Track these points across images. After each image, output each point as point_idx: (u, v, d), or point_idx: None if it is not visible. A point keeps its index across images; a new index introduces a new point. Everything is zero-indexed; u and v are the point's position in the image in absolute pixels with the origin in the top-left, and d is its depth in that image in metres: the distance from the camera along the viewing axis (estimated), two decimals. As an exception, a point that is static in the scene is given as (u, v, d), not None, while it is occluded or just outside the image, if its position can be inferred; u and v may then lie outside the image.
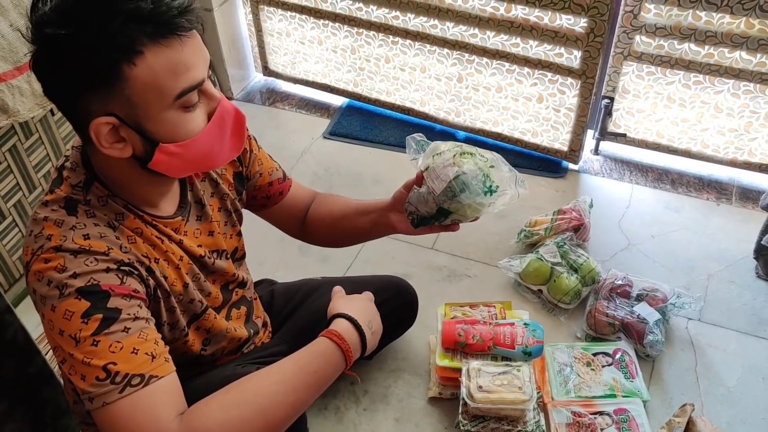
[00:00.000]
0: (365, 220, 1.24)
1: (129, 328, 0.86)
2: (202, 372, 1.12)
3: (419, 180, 1.11)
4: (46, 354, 1.25)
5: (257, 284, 1.52)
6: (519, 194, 1.09)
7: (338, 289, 1.18)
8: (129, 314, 0.87)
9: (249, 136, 1.19)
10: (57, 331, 0.85)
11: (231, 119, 0.93)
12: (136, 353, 0.85)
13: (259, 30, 2.52)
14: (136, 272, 0.91)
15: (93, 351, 0.83)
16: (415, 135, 1.13)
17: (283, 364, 0.95)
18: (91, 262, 0.86)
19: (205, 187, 1.11)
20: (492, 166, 1.08)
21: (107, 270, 0.87)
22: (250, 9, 2.48)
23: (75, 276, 0.85)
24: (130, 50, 0.80)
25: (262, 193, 1.25)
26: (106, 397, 0.83)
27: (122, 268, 0.89)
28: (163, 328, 1.00)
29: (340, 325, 1.04)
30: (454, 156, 1.07)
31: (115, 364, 0.83)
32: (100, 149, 0.86)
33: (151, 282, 0.95)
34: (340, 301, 1.12)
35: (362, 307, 1.10)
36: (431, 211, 1.11)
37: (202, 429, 0.84)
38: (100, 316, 0.84)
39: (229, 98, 2.60)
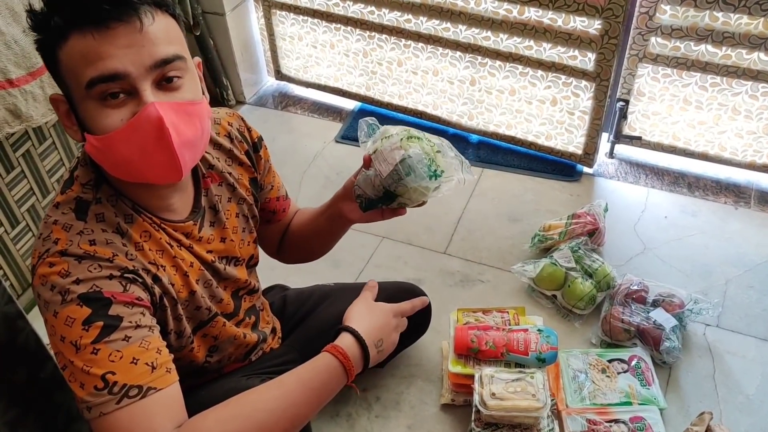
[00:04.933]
0: (323, 219, 1.25)
1: (130, 337, 0.85)
2: (207, 381, 1.11)
3: (367, 163, 1.12)
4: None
5: (269, 290, 1.52)
6: (465, 180, 1.12)
7: (371, 287, 1.16)
8: (131, 322, 0.86)
9: (264, 145, 1.20)
10: (59, 337, 0.85)
11: (151, 127, 0.84)
12: (136, 363, 0.85)
13: (271, 34, 2.53)
14: (140, 280, 0.91)
15: (92, 359, 0.83)
16: (367, 119, 1.14)
17: (284, 379, 0.94)
18: (95, 269, 0.86)
19: (222, 191, 1.10)
20: (438, 151, 1.10)
21: (110, 277, 0.87)
22: (262, 13, 2.49)
23: (78, 282, 0.85)
24: (56, 34, 0.83)
25: (270, 206, 1.26)
26: (104, 407, 0.82)
27: (126, 275, 0.89)
28: (170, 336, 0.99)
29: (345, 341, 1.02)
30: (401, 140, 1.09)
31: (113, 373, 0.83)
32: (65, 128, 0.91)
33: (157, 290, 0.94)
34: (360, 311, 1.09)
35: (377, 324, 1.08)
36: (378, 194, 1.12)
37: None
38: (101, 323, 0.84)
39: (241, 102, 2.61)
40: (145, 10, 0.83)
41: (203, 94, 0.94)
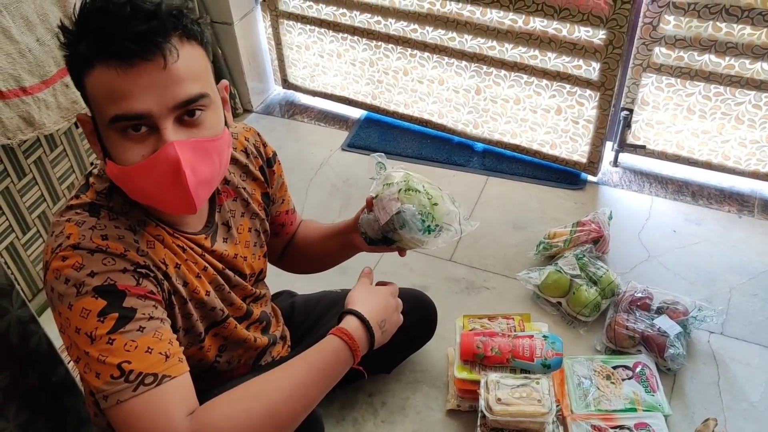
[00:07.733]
0: (333, 243, 1.30)
1: (144, 328, 0.87)
2: (217, 384, 1.13)
3: (369, 205, 1.17)
4: (68, 363, 1.27)
5: (277, 296, 1.53)
6: (463, 231, 1.15)
7: (367, 273, 1.19)
8: (144, 314, 0.88)
9: (278, 161, 1.22)
10: (73, 329, 0.86)
11: (168, 167, 0.85)
12: (150, 352, 0.87)
13: (278, 43, 2.55)
14: (152, 275, 0.92)
15: (108, 349, 0.85)
16: (376, 155, 1.18)
17: (292, 362, 0.96)
18: (109, 262, 0.88)
19: (236, 206, 1.12)
20: (435, 204, 1.13)
21: (124, 270, 0.89)
22: (270, 23, 2.51)
23: (92, 275, 0.87)
24: (84, 60, 0.84)
25: (279, 220, 1.28)
26: (120, 395, 0.84)
27: (138, 270, 0.91)
28: (179, 333, 1.01)
29: (350, 324, 1.04)
30: (399, 191, 1.12)
31: (129, 362, 0.85)
32: (90, 145, 0.92)
33: (166, 286, 0.96)
34: (360, 295, 1.11)
35: (379, 305, 1.09)
36: (377, 236, 1.17)
37: (210, 424, 0.85)
38: (116, 314, 0.86)
39: (249, 111, 2.63)
40: (170, 47, 0.82)
41: (225, 122, 0.94)
